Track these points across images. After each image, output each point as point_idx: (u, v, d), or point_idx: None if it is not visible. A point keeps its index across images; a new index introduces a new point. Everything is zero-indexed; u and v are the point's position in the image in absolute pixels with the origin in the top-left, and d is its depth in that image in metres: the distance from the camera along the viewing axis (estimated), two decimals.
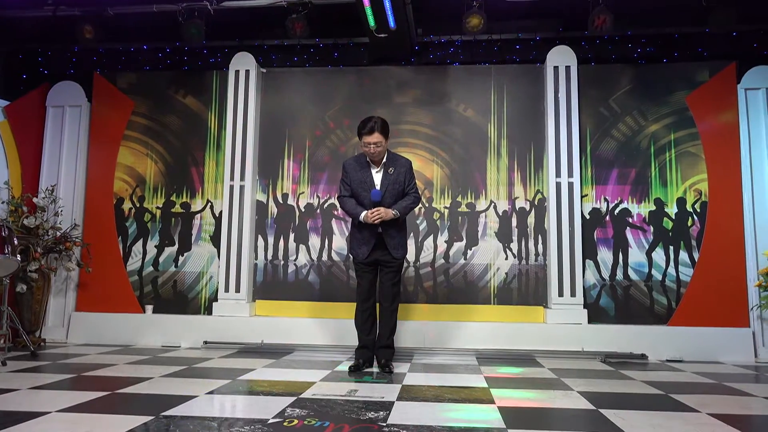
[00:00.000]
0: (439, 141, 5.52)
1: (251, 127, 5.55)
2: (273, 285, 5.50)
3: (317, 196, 5.57)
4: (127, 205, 5.68)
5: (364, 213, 3.99)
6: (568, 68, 5.32)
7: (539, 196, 5.38)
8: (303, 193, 5.58)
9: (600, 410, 2.88)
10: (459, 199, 5.45)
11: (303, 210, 5.57)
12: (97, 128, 5.74)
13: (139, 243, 5.62)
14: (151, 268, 5.58)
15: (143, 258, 5.60)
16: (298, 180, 5.61)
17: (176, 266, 5.57)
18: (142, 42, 5.85)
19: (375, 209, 3.96)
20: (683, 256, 5.15)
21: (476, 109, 5.52)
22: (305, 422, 2.54)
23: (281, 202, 5.60)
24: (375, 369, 4.07)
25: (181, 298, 5.52)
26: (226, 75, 5.65)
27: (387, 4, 4.47)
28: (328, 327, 5.15)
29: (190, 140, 5.71)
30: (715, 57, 5.36)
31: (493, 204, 5.41)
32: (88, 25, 5.13)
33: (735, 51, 5.34)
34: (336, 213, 5.53)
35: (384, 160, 4.08)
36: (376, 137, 3.94)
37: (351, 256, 5.29)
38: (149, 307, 5.44)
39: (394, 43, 5.26)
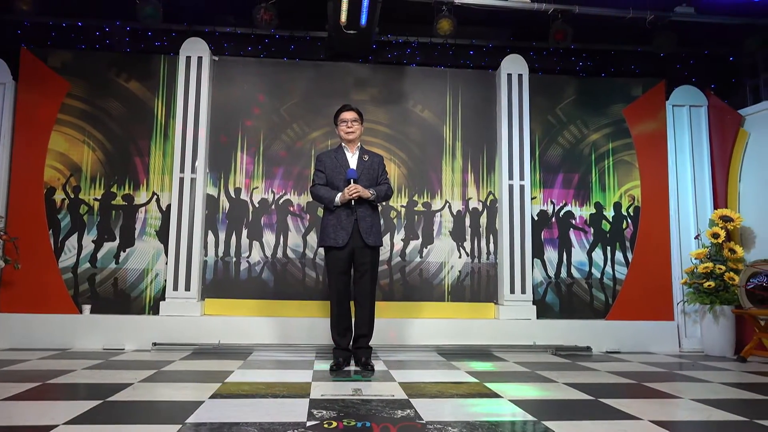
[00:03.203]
0: (396, 140, 5.58)
1: (203, 117, 5.28)
2: (224, 283, 5.27)
3: (272, 192, 5.41)
4: (59, 196, 5.18)
5: (339, 194, 3.98)
6: (520, 76, 5.59)
7: (491, 197, 5.60)
8: (257, 188, 5.40)
9: (599, 400, 3.08)
10: (415, 198, 5.54)
11: (257, 205, 5.39)
12: (25, 110, 5.17)
13: (74, 237, 5.15)
14: (87, 265, 5.14)
15: (78, 254, 5.14)
16: (252, 174, 5.42)
17: (117, 263, 5.17)
18: (77, 18, 5.36)
19: (352, 185, 3.94)
20: (619, 256, 5.60)
21: (432, 110, 5.64)
22: (345, 423, 2.49)
23: (234, 196, 5.38)
24: (353, 367, 4.06)
25: (123, 298, 5.13)
26: (176, 60, 5.34)
27: (365, 2, 4.44)
28: (284, 326, 5.05)
29: (133, 128, 5.31)
30: (647, 74, 5.88)
31: (447, 204, 5.56)
32: None
33: (663, 70, 5.89)
34: (291, 209, 5.41)
35: (359, 145, 4.21)
36: (352, 114, 4.16)
37: (315, 256, 5.25)
38: (86, 307, 5.01)
39: (355, 40, 5.21)
